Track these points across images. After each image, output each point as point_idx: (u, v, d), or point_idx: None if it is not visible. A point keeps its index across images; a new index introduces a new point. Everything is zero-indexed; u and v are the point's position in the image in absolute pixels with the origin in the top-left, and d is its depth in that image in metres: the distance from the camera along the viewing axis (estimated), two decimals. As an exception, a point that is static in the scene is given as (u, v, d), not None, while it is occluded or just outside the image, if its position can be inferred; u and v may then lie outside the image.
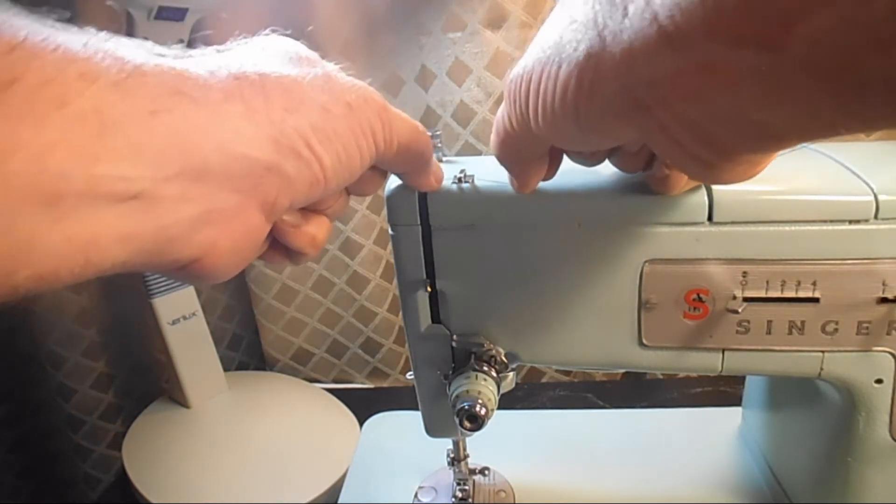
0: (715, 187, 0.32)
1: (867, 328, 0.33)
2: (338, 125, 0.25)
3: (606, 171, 0.34)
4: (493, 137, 0.31)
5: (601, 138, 0.25)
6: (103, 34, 0.20)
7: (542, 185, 0.34)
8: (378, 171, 0.31)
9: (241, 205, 0.22)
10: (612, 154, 0.31)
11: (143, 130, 0.18)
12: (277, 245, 0.28)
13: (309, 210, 0.28)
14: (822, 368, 0.34)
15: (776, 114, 0.18)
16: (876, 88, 0.16)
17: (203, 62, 0.22)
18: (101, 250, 0.18)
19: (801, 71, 0.16)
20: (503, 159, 0.31)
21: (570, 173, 0.35)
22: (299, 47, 0.27)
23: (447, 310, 0.37)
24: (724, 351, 0.35)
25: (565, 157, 0.32)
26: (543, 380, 0.75)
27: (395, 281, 0.52)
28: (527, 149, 0.30)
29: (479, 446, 0.46)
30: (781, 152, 0.24)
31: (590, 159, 0.32)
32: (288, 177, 0.23)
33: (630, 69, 0.20)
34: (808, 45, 0.16)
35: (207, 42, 0.26)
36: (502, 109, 0.29)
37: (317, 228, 0.28)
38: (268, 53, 0.25)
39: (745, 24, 0.16)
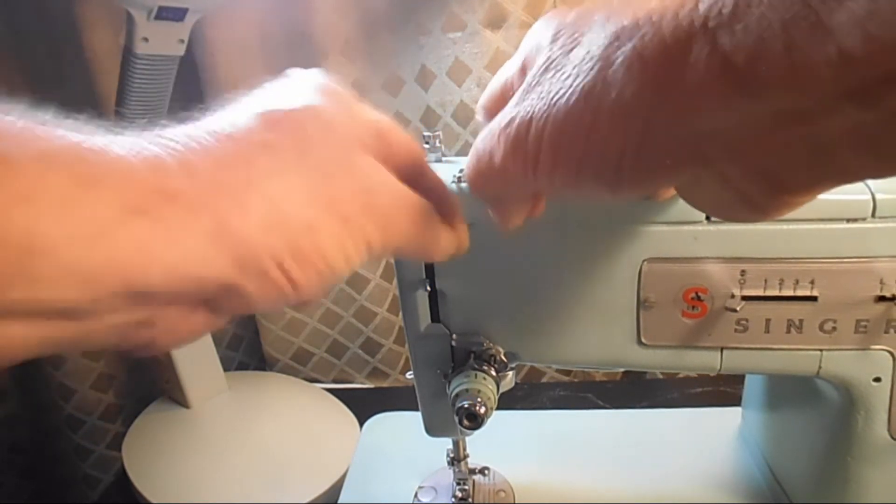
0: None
1: (865, 327, 0.33)
2: (323, 244, 0.21)
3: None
4: (472, 170, 0.26)
5: (634, 193, 0.21)
6: (71, 122, 0.18)
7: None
8: None
9: (188, 314, 0.20)
10: None
11: (78, 255, 0.16)
12: None
13: None
14: (820, 367, 0.34)
15: (862, 160, 0.17)
16: None
17: (185, 143, 0.20)
18: (16, 351, 0.17)
19: None
20: (485, 197, 0.28)
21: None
22: (312, 115, 0.23)
23: (447, 309, 0.37)
24: (722, 350, 0.35)
25: None
26: (543, 380, 0.75)
27: (395, 281, 0.52)
28: (515, 191, 0.26)
29: (479, 446, 0.46)
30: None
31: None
32: (249, 296, 0.20)
33: (692, 120, 0.18)
34: None
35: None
36: (486, 143, 0.24)
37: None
38: (267, 136, 0.21)
39: (838, 80, 0.15)
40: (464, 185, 0.34)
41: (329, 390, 0.69)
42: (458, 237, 0.29)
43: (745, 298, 0.33)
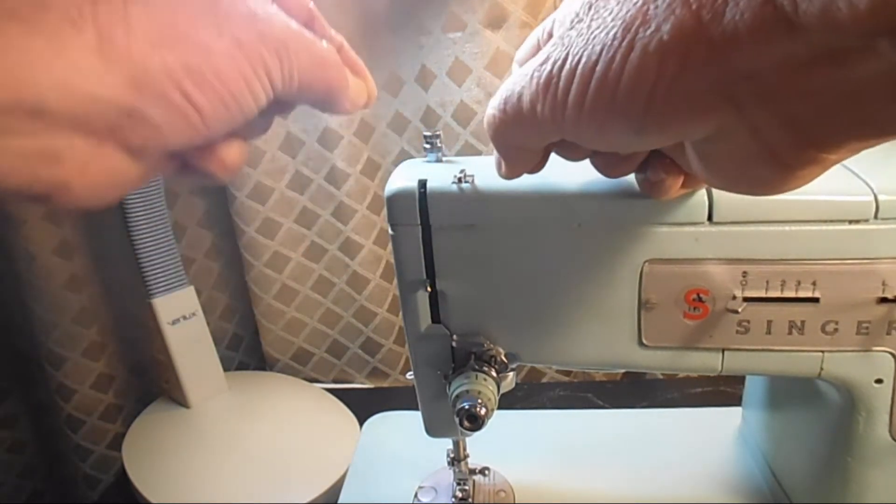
0: (715, 187, 0.32)
1: (867, 328, 0.33)
2: (221, 65, 0.21)
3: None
4: (494, 115, 0.26)
5: (658, 139, 0.22)
6: None
7: (542, 184, 0.34)
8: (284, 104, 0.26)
9: (96, 148, 0.19)
10: (595, 154, 0.29)
11: None
12: (188, 166, 0.24)
13: None
14: (821, 368, 0.34)
15: (892, 110, 0.17)
16: None
17: None
18: None
19: None
20: (501, 142, 0.28)
21: (570, 173, 0.35)
22: None
23: (447, 310, 0.37)
24: (723, 351, 0.35)
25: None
26: (543, 380, 0.75)
27: (395, 281, 0.52)
28: (535, 138, 0.26)
29: (479, 446, 0.46)
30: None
31: (572, 154, 0.29)
32: (155, 122, 0.20)
33: (729, 59, 0.17)
34: None
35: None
36: (513, 86, 0.24)
37: (228, 151, 0.24)
38: None
39: (879, 16, 0.14)
40: (465, 185, 0.34)
41: (329, 390, 0.69)
42: (367, 84, 0.29)
43: (746, 300, 0.33)
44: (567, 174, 0.35)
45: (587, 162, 0.32)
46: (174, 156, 0.23)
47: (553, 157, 0.32)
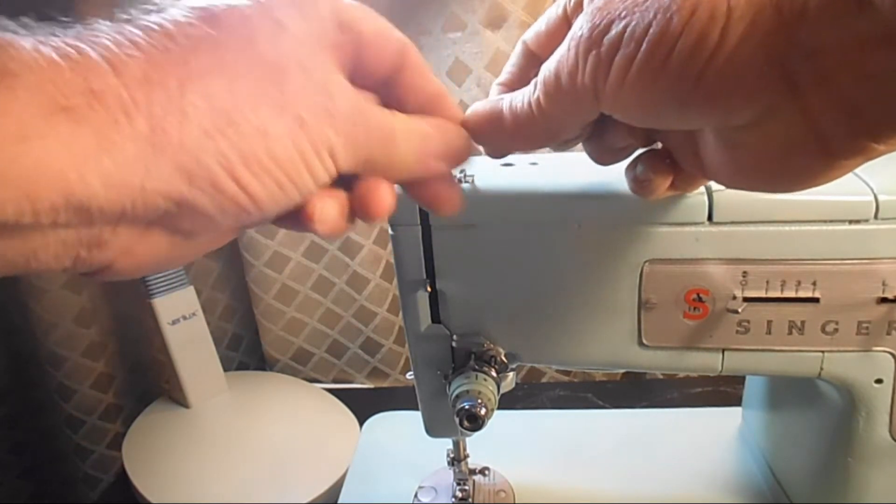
0: (715, 187, 0.32)
1: (867, 328, 0.33)
2: (278, 149, 0.19)
3: (606, 170, 0.34)
4: (542, 89, 0.23)
5: (699, 117, 0.20)
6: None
7: (542, 184, 0.34)
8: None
9: (142, 233, 0.19)
10: (589, 140, 0.28)
11: (6, 160, 0.15)
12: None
13: None
14: (821, 368, 0.34)
15: None
16: None
17: (115, 40, 0.18)
18: None
19: None
20: (536, 128, 0.25)
21: (570, 173, 0.35)
22: (258, 8, 0.20)
23: (447, 310, 0.37)
24: (724, 351, 0.35)
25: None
26: (543, 380, 0.75)
27: (395, 281, 0.52)
28: (572, 117, 0.24)
29: (479, 446, 0.46)
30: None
31: (564, 144, 0.27)
32: (206, 211, 0.19)
33: (794, 32, 0.17)
34: None
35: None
36: (557, 62, 0.22)
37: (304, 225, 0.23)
38: (208, 31, 0.19)
39: None
40: (465, 185, 0.34)
41: (329, 390, 0.69)
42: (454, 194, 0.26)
43: (746, 300, 0.33)
44: (567, 174, 0.35)
45: (587, 162, 0.32)
46: (229, 230, 0.22)
47: (553, 156, 0.32)
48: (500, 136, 0.26)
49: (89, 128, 0.16)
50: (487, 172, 0.35)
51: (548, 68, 0.23)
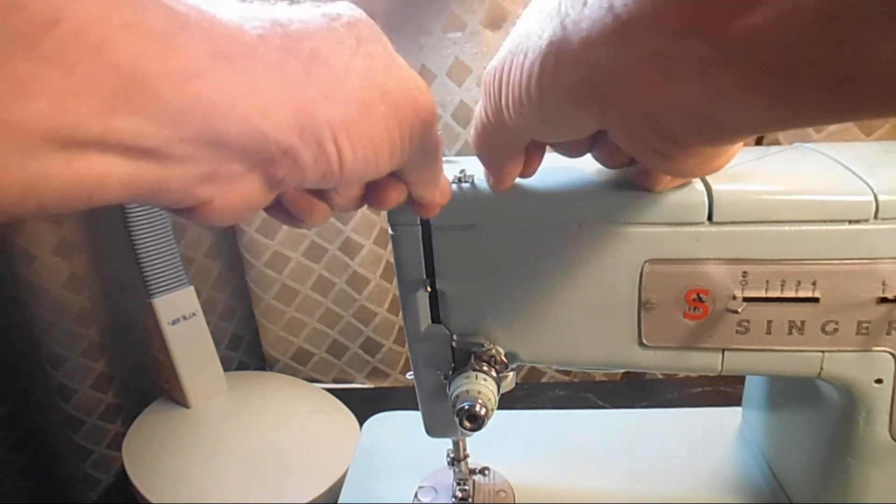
0: (715, 187, 0.32)
1: (867, 328, 0.33)
2: (375, 126, 0.23)
3: (606, 170, 0.34)
4: (472, 133, 0.31)
5: (564, 128, 0.26)
6: None
7: (541, 184, 0.34)
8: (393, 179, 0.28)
9: (246, 175, 0.21)
10: (594, 147, 0.31)
11: (173, 92, 0.18)
12: (280, 205, 0.26)
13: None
14: (821, 368, 0.34)
15: (723, 107, 0.19)
16: (809, 84, 0.16)
17: (261, 19, 0.21)
18: (105, 191, 0.18)
19: (741, 64, 0.17)
20: (480, 154, 0.32)
21: (570, 173, 0.35)
22: (367, 23, 0.25)
23: (447, 310, 0.37)
24: (723, 351, 0.35)
25: (560, 155, 0.32)
26: (543, 380, 0.75)
27: (395, 281, 0.52)
28: (503, 143, 0.30)
29: (479, 446, 0.46)
30: (750, 146, 0.25)
31: (571, 150, 0.31)
32: (303, 163, 0.22)
33: (588, 59, 0.21)
34: (748, 38, 0.16)
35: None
36: (480, 104, 0.29)
37: (319, 203, 0.27)
38: (331, 23, 0.23)
39: (691, 16, 0.17)
40: (465, 185, 0.34)
41: (329, 390, 0.69)
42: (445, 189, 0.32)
43: (746, 300, 0.33)
44: (567, 174, 0.35)
45: (587, 162, 0.32)
46: (300, 192, 0.25)
47: (553, 157, 0.33)
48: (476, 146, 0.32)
49: (242, 76, 0.19)
50: (487, 172, 0.35)
51: (476, 112, 0.30)
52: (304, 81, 0.21)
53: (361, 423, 0.57)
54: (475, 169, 0.35)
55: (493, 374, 0.37)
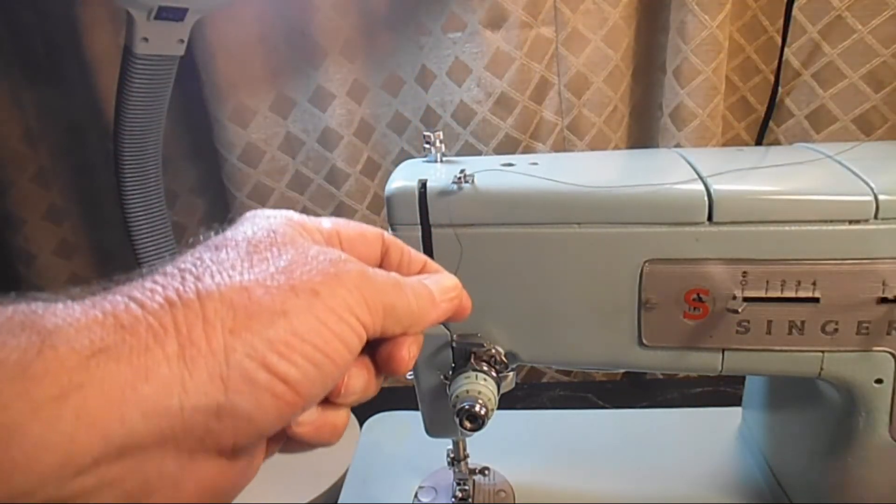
0: (715, 187, 0.32)
1: (867, 328, 0.33)
2: (301, 325, 0.19)
3: (606, 170, 0.34)
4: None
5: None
6: (32, 296, 0.18)
7: (542, 184, 0.34)
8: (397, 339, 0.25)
9: (187, 463, 0.18)
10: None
11: (44, 426, 0.15)
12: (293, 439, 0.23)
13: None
14: (821, 368, 0.34)
15: None
16: None
17: (142, 289, 0.19)
18: None
19: None
20: None
21: (570, 173, 0.35)
22: (271, 224, 0.22)
23: (447, 310, 0.37)
24: (723, 351, 0.35)
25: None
26: (543, 380, 0.75)
27: (395, 281, 0.52)
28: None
29: (479, 446, 0.46)
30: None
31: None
32: (244, 413, 0.18)
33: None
34: None
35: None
36: None
37: (336, 416, 0.23)
38: (227, 243, 0.21)
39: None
40: (465, 185, 0.34)
41: (329, 390, 0.68)
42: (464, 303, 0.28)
43: (746, 300, 0.33)
44: (567, 174, 0.35)
45: (587, 162, 0.32)
46: (274, 438, 0.22)
47: (554, 157, 0.32)
48: None
49: (127, 364, 0.17)
50: (487, 173, 0.35)
51: None
52: (201, 329, 0.18)
53: (361, 423, 0.57)
54: (475, 169, 0.35)
55: (493, 374, 0.37)
